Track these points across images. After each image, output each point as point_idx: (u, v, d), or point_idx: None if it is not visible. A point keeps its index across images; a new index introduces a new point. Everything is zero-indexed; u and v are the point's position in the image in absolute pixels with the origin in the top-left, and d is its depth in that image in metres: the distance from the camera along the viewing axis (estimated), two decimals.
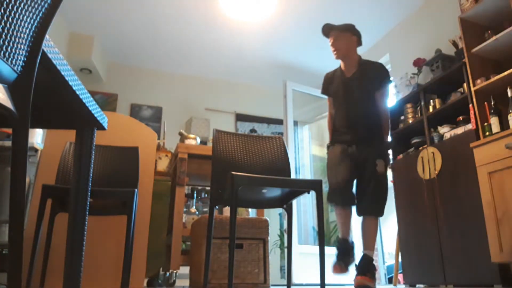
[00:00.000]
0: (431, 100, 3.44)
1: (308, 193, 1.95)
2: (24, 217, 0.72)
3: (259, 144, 2.33)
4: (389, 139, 2.81)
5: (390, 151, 2.79)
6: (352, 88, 2.67)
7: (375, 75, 2.68)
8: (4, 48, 0.66)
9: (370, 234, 2.49)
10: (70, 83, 0.91)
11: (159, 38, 4.96)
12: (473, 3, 3.15)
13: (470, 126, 3.03)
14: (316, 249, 4.02)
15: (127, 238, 2.11)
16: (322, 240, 1.82)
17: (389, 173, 3.88)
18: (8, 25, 0.66)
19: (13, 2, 0.66)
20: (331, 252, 4.46)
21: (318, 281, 1.76)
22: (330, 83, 2.81)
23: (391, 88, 3.83)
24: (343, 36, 2.70)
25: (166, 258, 3.06)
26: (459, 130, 3.13)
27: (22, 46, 0.71)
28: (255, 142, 2.33)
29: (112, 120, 2.88)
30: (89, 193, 1.13)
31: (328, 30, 2.75)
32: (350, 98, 2.67)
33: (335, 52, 2.71)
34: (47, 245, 2.18)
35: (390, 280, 5.06)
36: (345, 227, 2.53)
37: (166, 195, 3.33)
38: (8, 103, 0.69)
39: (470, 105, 3.01)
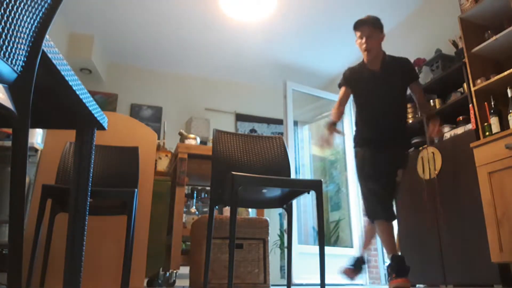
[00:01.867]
0: (431, 100, 3.43)
1: (308, 193, 1.94)
2: (24, 217, 0.71)
3: (259, 144, 2.33)
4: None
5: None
6: (381, 83, 2.63)
7: (403, 70, 2.67)
8: (4, 48, 0.66)
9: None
10: (70, 83, 0.91)
11: (159, 38, 4.96)
12: (473, 3, 3.15)
13: (470, 126, 3.03)
14: (316, 249, 4.02)
15: (127, 238, 2.11)
16: (322, 240, 1.82)
17: None
18: (8, 25, 0.66)
19: (13, 2, 0.66)
20: (331, 252, 4.49)
21: (318, 281, 1.76)
22: (354, 76, 2.72)
23: None
24: (375, 33, 2.62)
25: (166, 258, 3.06)
26: (459, 130, 3.13)
27: (22, 46, 0.71)
28: (255, 142, 2.33)
29: (112, 120, 2.88)
30: (89, 193, 1.13)
31: (360, 24, 2.64)
32: (379, 93, 2.63)
33: (367, 52, 2.60)
34: (47, 245, 2.17)
35: None
36: (394, 242, 2.45)
37: (166, 195, 3.32)
38: (8, 103, 0.69)
39: (470, 105, 3.01)
